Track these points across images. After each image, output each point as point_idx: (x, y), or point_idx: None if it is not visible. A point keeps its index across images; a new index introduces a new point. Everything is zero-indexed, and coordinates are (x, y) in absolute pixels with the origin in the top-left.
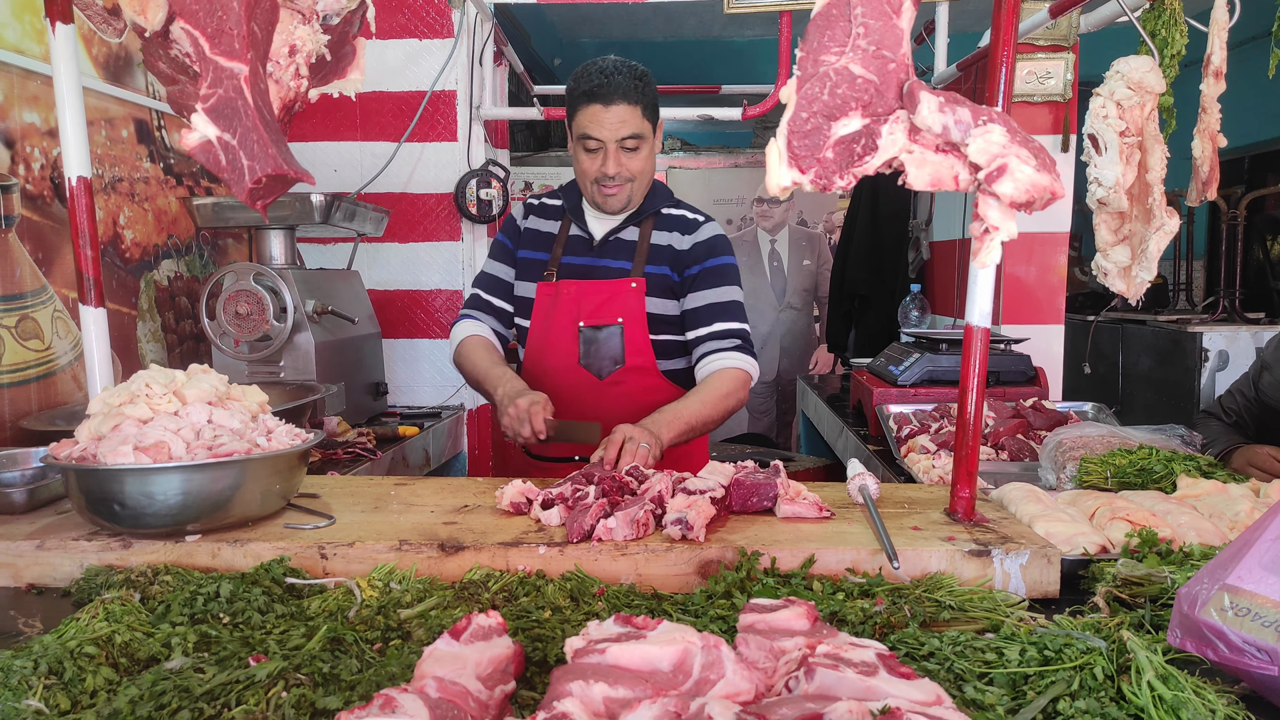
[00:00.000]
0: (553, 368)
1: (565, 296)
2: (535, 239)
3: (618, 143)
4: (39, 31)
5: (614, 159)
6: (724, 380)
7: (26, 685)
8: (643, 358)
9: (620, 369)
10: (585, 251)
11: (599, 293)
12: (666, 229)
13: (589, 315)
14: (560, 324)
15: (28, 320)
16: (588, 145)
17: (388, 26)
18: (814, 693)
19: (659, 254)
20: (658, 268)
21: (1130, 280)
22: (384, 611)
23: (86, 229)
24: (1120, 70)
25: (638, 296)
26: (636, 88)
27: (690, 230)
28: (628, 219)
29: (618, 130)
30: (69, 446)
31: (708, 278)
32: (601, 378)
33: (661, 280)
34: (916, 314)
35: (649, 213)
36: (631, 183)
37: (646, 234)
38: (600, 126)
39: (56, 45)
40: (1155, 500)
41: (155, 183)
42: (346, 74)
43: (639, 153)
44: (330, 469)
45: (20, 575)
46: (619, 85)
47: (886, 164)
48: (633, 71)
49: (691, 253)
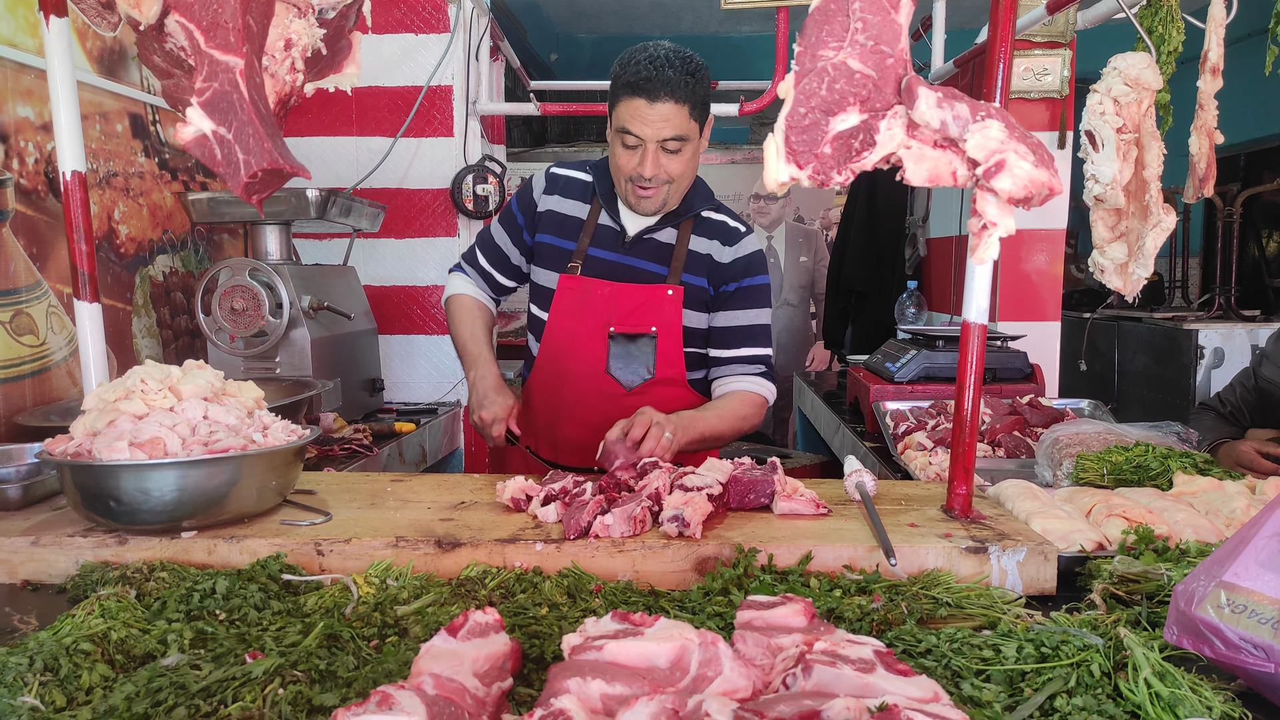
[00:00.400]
0: (575, 372)
1: (596, 297)
2: (558, 223)
3: (659, 143)
4: (33, 25)
5: (652, 160)
6: (743, 402)
7: (22, 682)
8: (674, 369)
9: (649, 381)
10: (615, 246)
11: (632, 297)
12: (706, 235)
13: (620, 320)
14: (588, 326)
15: (22, 315)
16: (626, 140)
17: (384, 21)
18: (811, 690)
19: (697, 262)
20: (694, 277)
21: (1127, 277)
22: (381, 608)
23: (81, 224)
24: (1117, 67)
25: (674, 305)
26: (687, 85)
27: (732, 241)
28: (665, 218)
29: (660, 130)
30: (64, 442)
31: (743, 298)
32: (629, 389)
33: (698, 292)
34: (913, 311)
35: (688, 214)
36: (669, 185)
37: (685, 238)
38: (642, 123)
39: (51, 39)
40: (1152, 497)
41: (150, 178)
42: (342, 68)
43: (681, 155)
44: (326, 465)
45: (15, 572)
46: (668, 81)
47: (884, 159)
48: (685, 65)
49: (731, 267)
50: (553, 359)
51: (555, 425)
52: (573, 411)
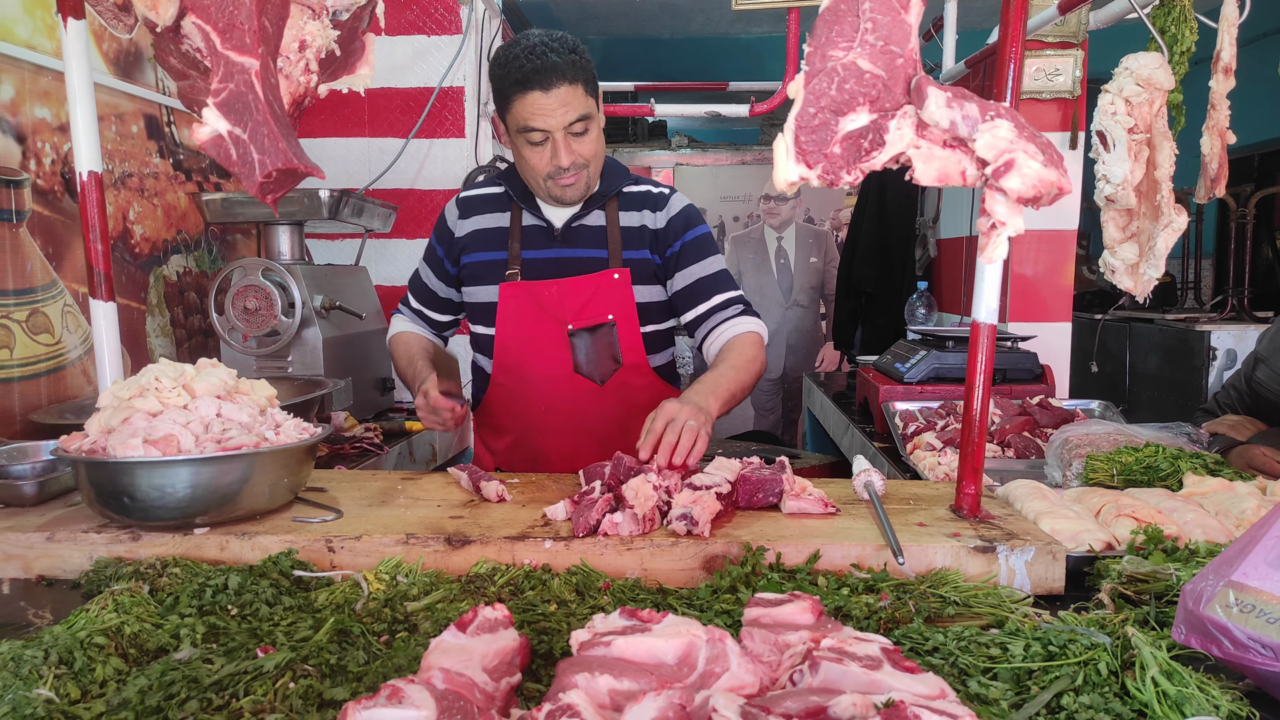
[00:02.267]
0: (541, 378)
1: (544, 297)
2: (482, 239)
3: (565, 129)
4: (50, 27)
5: (565, 149)
6: (746, 344)
7: (37, 675)
8: (636, 355)
9: (619, 370)
10: (547, 243)
11: (581, 289)
12: (634, 208)
13: (576, 315)
14: (543, 329)
15: (38, 314)
16: (532, 139)
17: (396, 23)
18: (818, 686)
19: (633, 236)
20: (635, 252)
21: (1138, 277)
22: (391, 604)
23: (97, 223)
24: (1129, 67)
25: (624, 287)
26: (574, 64)
27: (660, 205)
28: (589, 202)
29: (564, 116)
30: (79, 439)
31: (691, 252)
32: (602, 383)
33: (643, 265)
34: (923, 311)
35: (611, 193)
36: (587, 168)
37: (614, 217)
38: (544, 115)
39: (68, 41)
40: (1161, 498)
41: (165, 178)
42: (356, 69)
43: (589, 134)
44: (337, 464)
45: (30, 567)
46: (555, 66)
47: (894, 159)
48: (564, 44)
49: (669, 230)
50: (511, 369)
51: (531, 436)
52: (546, 419)
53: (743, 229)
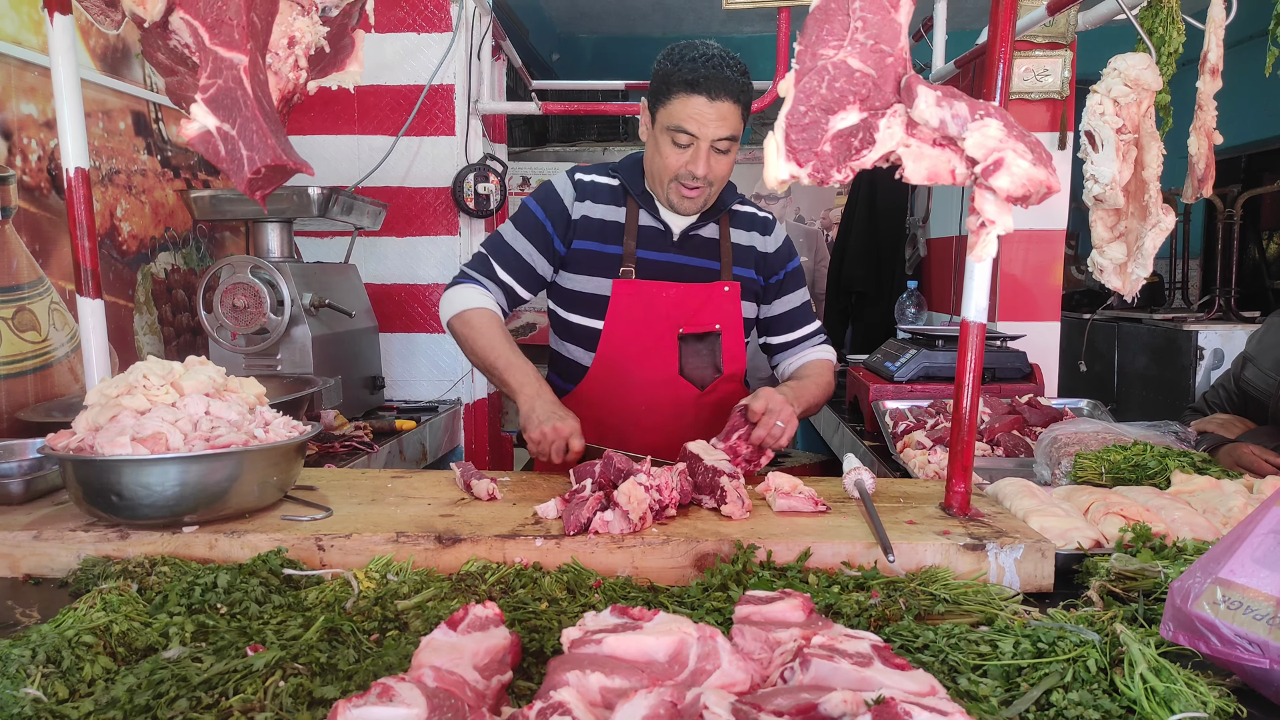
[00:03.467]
0: (647, 378)
1: (660, 300)
2: (596, 229)
3: (712, 142)
4: (36, 22)
5: (705, 159)
6: (825, 369)
7: (25, 674)
8: (737, 365)
9: (718, 378)
10: (665, 247)
11: (695, 296)
12: (744, 227)
13: (688, 321)
14: (655, 329)
15: (24, 312)
16: (678, 139)
17: (386, 20)
18: (809, 683)
19: (743, 255)
20: (744, 270)
21: (1126, 277)
22: (381, 602)
23: (84, 220)
24: (1117, 67)
25: (733, 301)
26: (741, 85)
27: (768, 230)
28: (705, 215)
29: (717, 129)
30: (66, 437)
31: (791, 283)
32: (702, 389)
33: (749, 284)
34: (913, 311)
35: (724, 209)
36: (712, 186)
37: (725, 232)
38: (700, 122)
39: (55, 36)
40: (1149, 496)
41: (152, 175)
42: (345, 66)
43: (729, 155)
44: (327, 462)
45: (17, 565)
46: (727, 80)
47: (884, 158)
48: (738, 66)
49: (777, 256)
50: (614, 365)
51: (623, 433)
52: (644, 418)
53: None
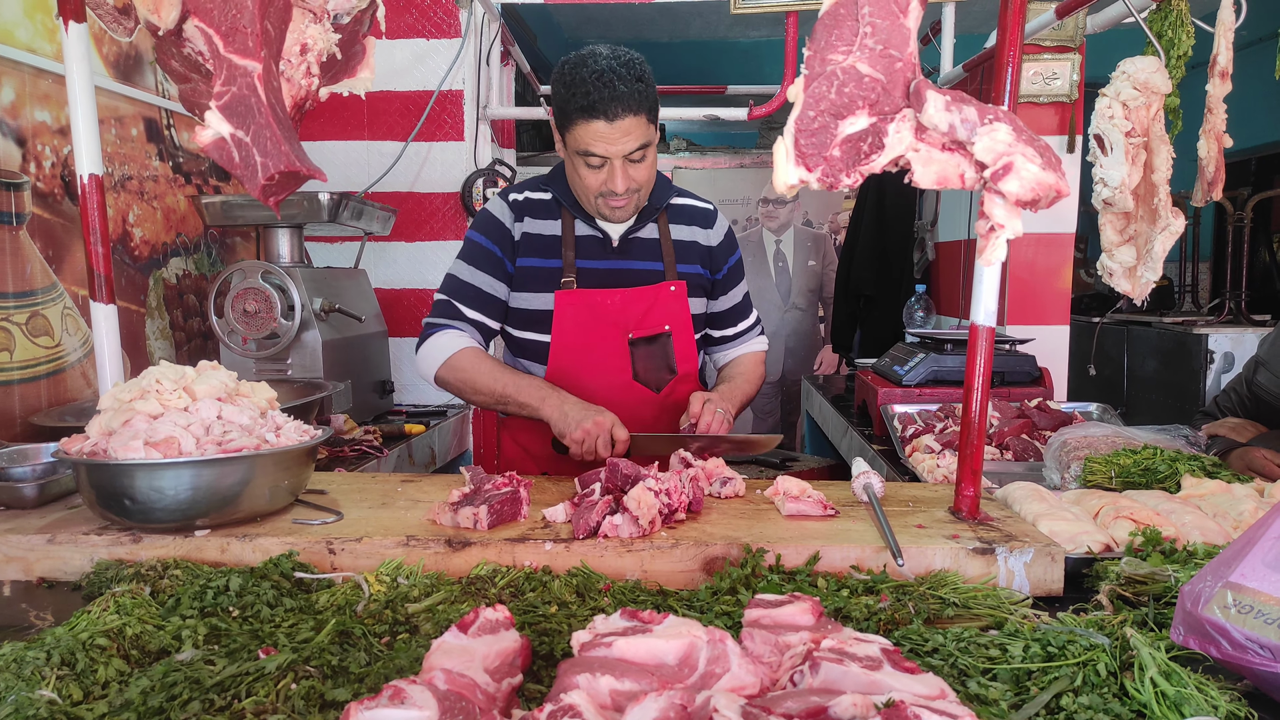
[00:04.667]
0: (602, 385)
1: (606, 307)
2: (534, 244)
3: (625, 157)
4: (51, 30)
5: (622, 175)
6: (756, 363)
7: (39, 676)
8: (690, 364)
9: (673, 379)
10: (604, 254)
11: (641, 300)
12: (684, 222)
13: (637, 325)
14: (604, 336)
15: (38, 317)
16: (590, 162)
17: (396, 26)
18: (819, 686)
19: (686, 251)
20: (689, 266)
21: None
22: (392, 606)
23: (98, 225)
24: (1126, 71)
25: (680, 300)
26: (639, 93)
27: (710, 223)
28: (641, 215)
29: (625, 145)
30: (80, 441)
31: (734, 275)
32: (659, 391)
33: (696, 279)
34: (921, 314)
35: (661, 206)
36: (639, 192)
37: (665, 230)
38: (605, 144)
39: (69, 44)
40: (1159, 499)
41: (164, 181)
42: (356, 73)
43: (645, 161)
44: (337, 466)
45: (31, 569)
46: (621, 96)
47: (893, 162)
48: (631, 71)
49: (721, 249)
50: (566, 377)
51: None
52: None
53: (741, 232)
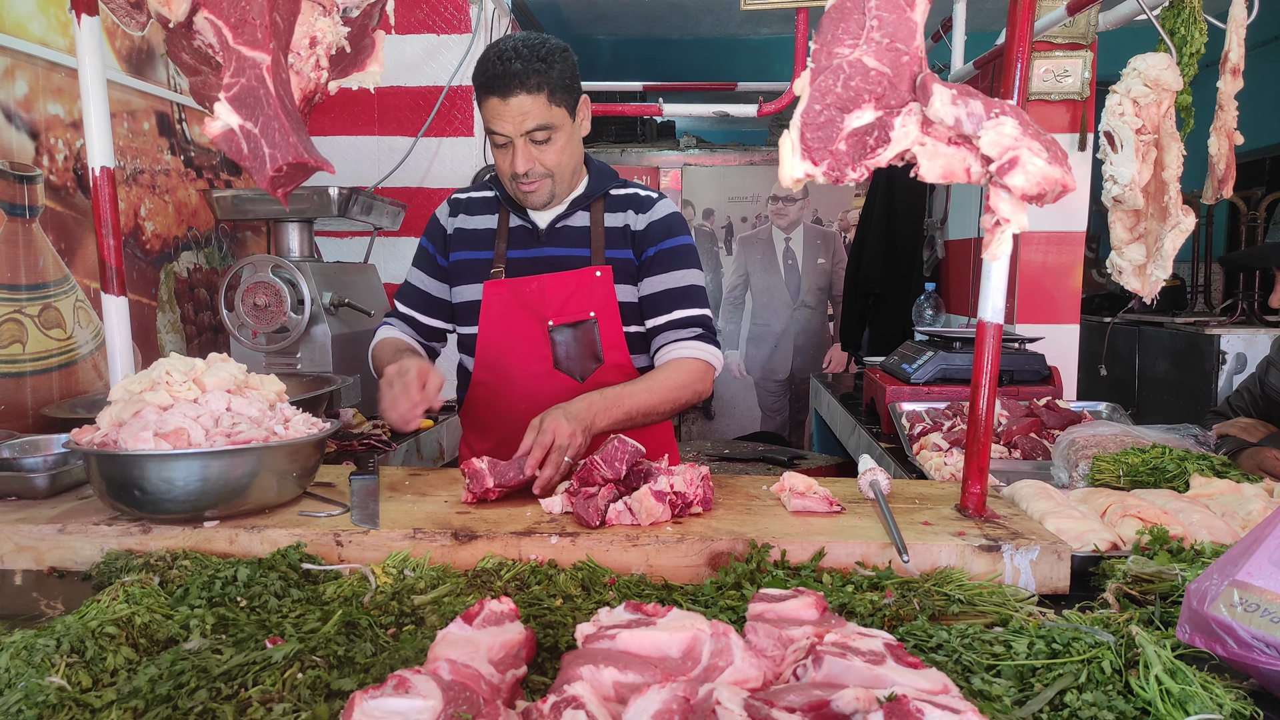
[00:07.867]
0: (523, 373)
1: (526, 294)
2: (470, 238)
3: (524, 136)
4: (63, 24)
5: (522, 155)
6: (680, 370)
7: (49, 663)
8: (619, 353)
9: (600, 368)
10: (532, 243)
11: (563, 285)
12: (620, 209)
13: (557, 312)
14: (524, 325)
15: (50, 310)
16: (496, 140)
17: (405, 22)
18: (822, 680)
19: (616, 237)
20: (618, 251)
21: (1145, 278)
22: (398, 597)
23: (109, 218)
24: (1137, 68)
25: (605, 285)
26: (539, 72)
27: (645, 208)
28: (573, 204)
29: (521, 124)
30: (91, 432)
31: (665, 260)
32: (582, 380)
33: (625, 265)
34: (931, 313)
35: (597, 195)
36: (550, 177)
37: (598, 218)
38: (502, 120)
39: (82, 37)
40: (1167, 499)
41: (176, 175)
42: (365, 67)
43: (553, 144)
44: (345, 460)
45: (42, 558)
46: (515, 74)
47: (899, 156)
48: (535, 52)
49: (649, 233)
50: (493, 367)
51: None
52: (528, 417)
53: (751, 230)
